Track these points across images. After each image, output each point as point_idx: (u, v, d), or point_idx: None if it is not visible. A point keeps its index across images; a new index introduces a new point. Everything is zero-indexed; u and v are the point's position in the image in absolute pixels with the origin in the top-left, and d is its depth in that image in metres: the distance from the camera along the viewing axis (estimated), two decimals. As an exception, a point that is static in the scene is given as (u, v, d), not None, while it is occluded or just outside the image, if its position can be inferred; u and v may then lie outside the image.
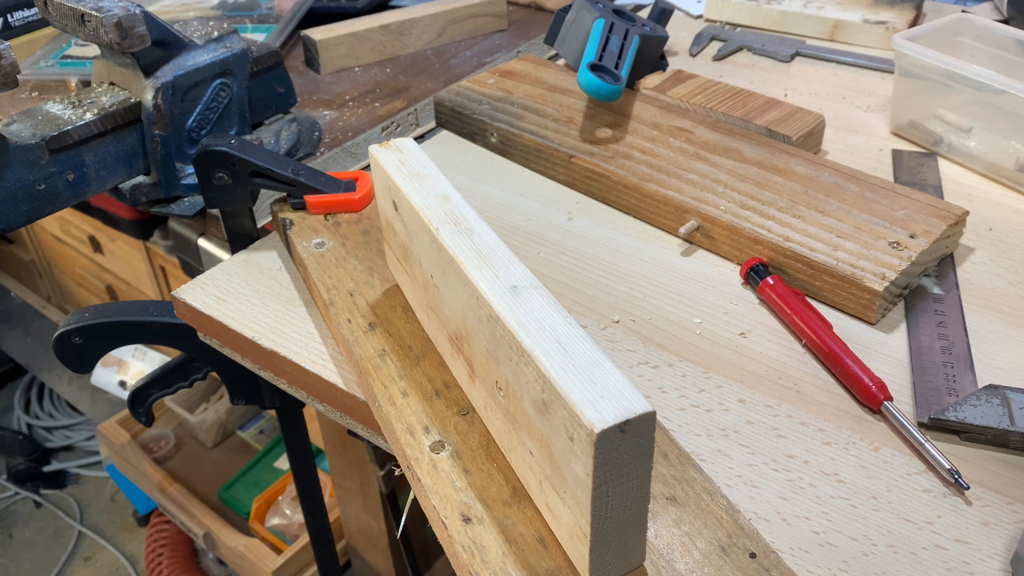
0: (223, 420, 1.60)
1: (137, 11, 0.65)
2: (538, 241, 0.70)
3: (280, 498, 1.46)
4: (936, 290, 0.62)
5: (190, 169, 0.73)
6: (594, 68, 0.76)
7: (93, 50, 1.04)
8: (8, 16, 1.11)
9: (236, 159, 0.65)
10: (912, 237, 0.62)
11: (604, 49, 0.79)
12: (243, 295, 0.64)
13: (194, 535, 1.44)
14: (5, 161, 0.63)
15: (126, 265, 1.48)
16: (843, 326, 0.60)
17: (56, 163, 0.66)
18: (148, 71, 0.69)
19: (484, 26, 1.11)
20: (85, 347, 0.72)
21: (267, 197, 0.79)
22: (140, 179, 0.73)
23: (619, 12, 0.85)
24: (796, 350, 0.58)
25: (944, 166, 0.78)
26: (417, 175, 0.52)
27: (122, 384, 1.69)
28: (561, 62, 0.94)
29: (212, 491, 1.51)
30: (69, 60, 1.04)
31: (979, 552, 0.45)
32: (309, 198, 0.68)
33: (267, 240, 0.71)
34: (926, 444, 0.49)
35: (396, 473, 1.02)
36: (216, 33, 0.76)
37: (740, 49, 1.01)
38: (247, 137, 0.77)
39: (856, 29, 1.00)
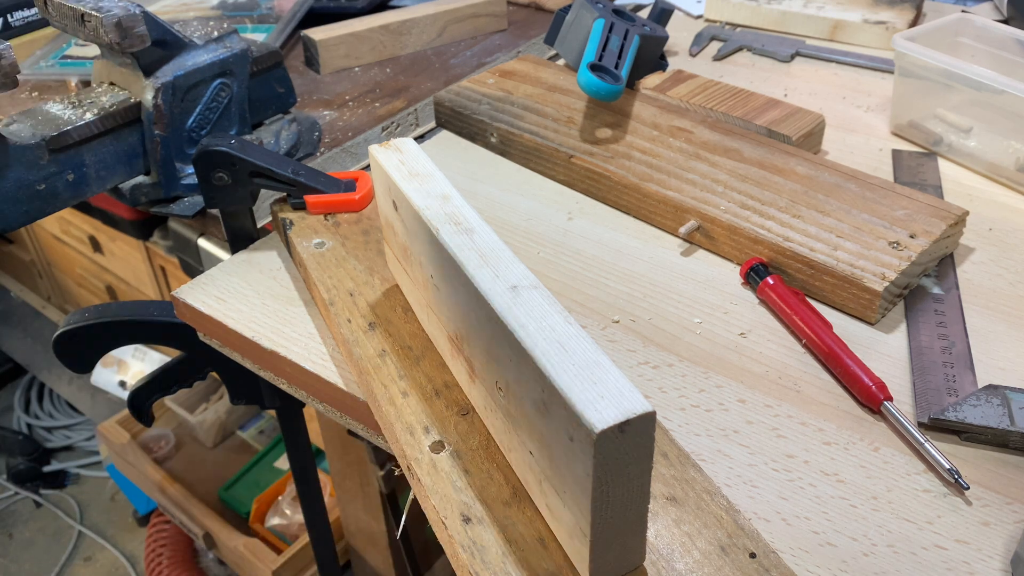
0: (223, 420, 1.60)
1: (137, 11, 0.65)
2: (538, 241, 0.70)
3: (280, 498, 1.46)
4: (936, 290, 0.62)
5: (190, 169, 0.73)
6: (594, 68, 0.76)
7: (93, 50, 1.04)
8: (8, 16, 1.11)
9: (236, 159, 0.65)
10: (912, 237, 0.62)
11: (604, 49, 0.79)
12: (243, 295, 0.64)
13: (194, 535, 1.44)
14: (5, 161, 0.63)
15: (126, 265, 1.48)
16: (843, 326, 0.60)
17: (56, 163, 0.66)
18: (148, 71, 0.69)
19: (484, 26, 1.11)
20: (85, 347, 0.72)
21: (267, 197, 0.79)
22: (140, 179, 0.73)
23: (619, 12, 0.85)
24: (796, 350, 0.58)
25: (944, 166, 0.78)
26: (417, 175, 0.52)
27: (122, 384, 1.69)
28: (561, 62, 0.94)
29: (212, 491, 1.51)
30: (69, 60, 1.04)
31: (979, 552, 0.45)
32: (309, 198, 0.68)
33: (267, 240, 0.71)
34: (926, 444, 0.49)
35: (396, 473, 1.02)
36: (216, 33, 0.76)
37: (740, 49, 1.01)
38: (247, 137, 0.77)
39: (856, 29, 1.00)
